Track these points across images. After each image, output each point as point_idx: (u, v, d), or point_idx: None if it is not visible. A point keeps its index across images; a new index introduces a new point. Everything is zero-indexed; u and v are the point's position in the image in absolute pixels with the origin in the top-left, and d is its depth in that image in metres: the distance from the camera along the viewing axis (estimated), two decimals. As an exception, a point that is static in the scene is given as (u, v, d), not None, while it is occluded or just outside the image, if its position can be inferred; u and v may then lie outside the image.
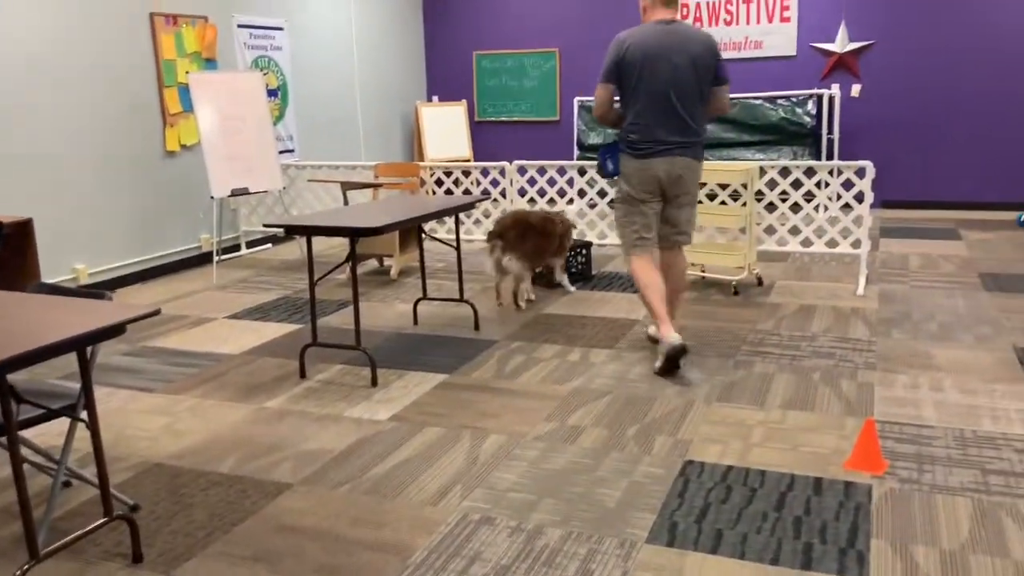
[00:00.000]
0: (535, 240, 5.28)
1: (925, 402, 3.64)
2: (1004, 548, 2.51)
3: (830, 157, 8.54)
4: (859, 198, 5.55)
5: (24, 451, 2.78)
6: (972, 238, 7.18)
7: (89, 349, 2.46)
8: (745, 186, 5.54)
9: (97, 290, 2.72)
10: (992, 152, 8.41)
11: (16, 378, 2.65)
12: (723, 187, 6.02)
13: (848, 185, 8.74)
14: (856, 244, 5.69)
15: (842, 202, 6.72)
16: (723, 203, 5.85)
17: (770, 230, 6.97)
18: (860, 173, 5.64)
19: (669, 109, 3.99)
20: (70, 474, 2.96)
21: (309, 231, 3.99)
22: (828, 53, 8.75)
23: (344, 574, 2.48)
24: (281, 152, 7.95)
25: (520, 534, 2.67)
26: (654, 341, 4.45)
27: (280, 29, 8.05)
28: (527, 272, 5.33)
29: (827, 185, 7.72)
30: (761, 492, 2.90)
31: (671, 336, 3.98)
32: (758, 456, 3.17)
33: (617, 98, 4.13)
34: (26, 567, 2.30)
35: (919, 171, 8.68)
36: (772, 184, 6.43)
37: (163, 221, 6.73)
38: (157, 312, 2.47)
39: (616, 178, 4.25)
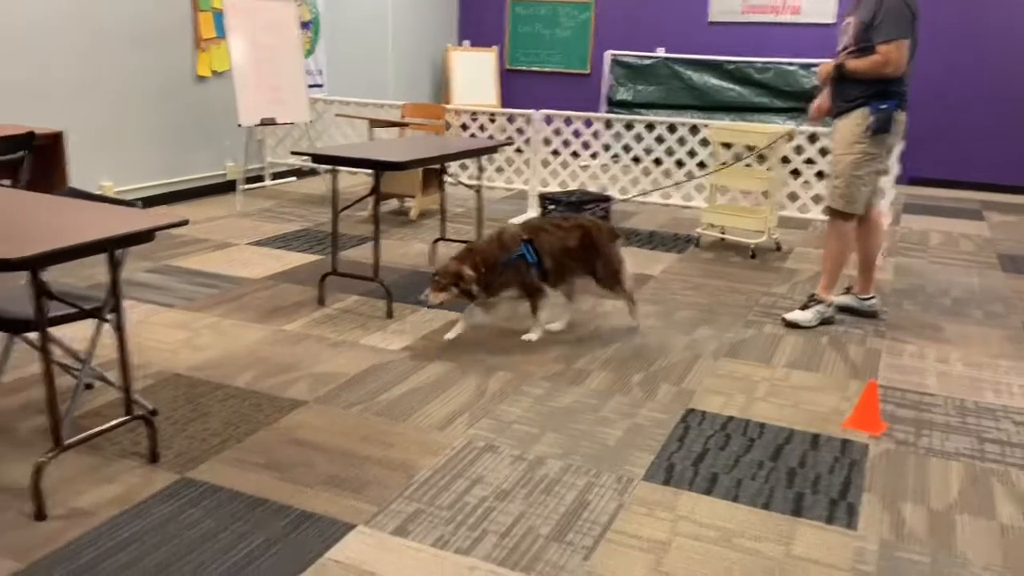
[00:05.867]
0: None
1: (929, 372, 3.69)
2: (991, 510, 2.58)
3: (860, 129, 8.44)
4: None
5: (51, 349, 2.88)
6: (995, 219, 7.14)
7: (118, 253, 2.54)
8: (771, 149, 5.52)
9: (126, 199, 2.79)
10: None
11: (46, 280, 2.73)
12: (750, 149, 6.00)
13: (875, 159, 8.67)
14: (877, 216, 5.67)
15: (867, 174, 6.67)
16: (748, 166, 5.84)
17: (793, 196, 6.95)
18: (888, 144, 5.59)
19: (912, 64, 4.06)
20: (93, 375, 3.07)
21: (336, 161, 4.05)
22: (867, 23, 8.60)
23: (350, 485, 2.59)
24: (310, 86, 7.96)
25: (522, 463, 2.76)
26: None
27: (316, -39, 8.01)
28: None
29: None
30: (759, 443, 2.97)
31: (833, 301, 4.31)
32: (759, 410, 3.24)
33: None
34: (51, 454, 2.42)
35: (948, 150, 8.58)
36: (799, 150, 6.39)
37: (190, 146, 6.79)
38: (185, 222, 2.55)
39: (877, 135, 4.03)
